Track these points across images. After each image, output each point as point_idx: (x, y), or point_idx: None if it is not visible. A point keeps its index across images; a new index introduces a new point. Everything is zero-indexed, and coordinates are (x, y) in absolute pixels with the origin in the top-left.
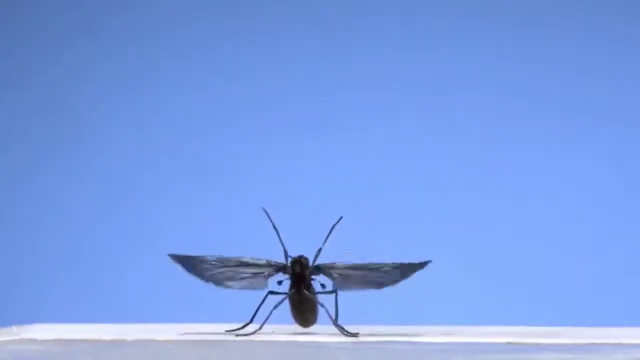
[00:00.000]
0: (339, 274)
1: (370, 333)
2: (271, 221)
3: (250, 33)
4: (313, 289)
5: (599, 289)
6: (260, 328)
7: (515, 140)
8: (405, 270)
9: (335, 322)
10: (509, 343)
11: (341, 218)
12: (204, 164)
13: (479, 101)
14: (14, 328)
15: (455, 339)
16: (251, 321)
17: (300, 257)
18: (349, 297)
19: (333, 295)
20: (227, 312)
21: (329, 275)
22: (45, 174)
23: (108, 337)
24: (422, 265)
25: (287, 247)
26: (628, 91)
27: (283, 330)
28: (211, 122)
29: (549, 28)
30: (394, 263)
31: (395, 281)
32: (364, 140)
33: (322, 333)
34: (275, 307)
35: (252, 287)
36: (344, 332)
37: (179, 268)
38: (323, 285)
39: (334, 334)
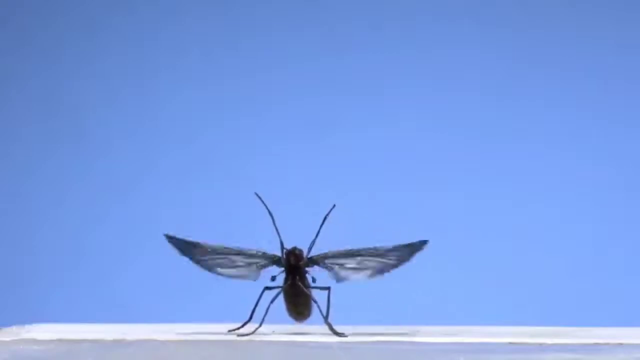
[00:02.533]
0: (334, 263)
1: (372, 333)
2: (266, 207)
3: (250, 33)
4: (308, 282)
5: (600, 289)
6: (261, 325)
7: (517, 140)
8: (403, 252)
9: (325, 320)
10: (510, 343)
11: (334, 206)
12: (203, 164)
13: (479, 101)
14: (15, 328)
15: (457, 339)
16: (250, 319)
17: (294, 248)
18: (350, 297)
19: (326, 291)
20: (228, 312)
21: (324, 266)
22: (45, 173)
23: (109, 337)
24: (420, 245)
25: (283, 241)
26: (628, 91)
27: (283, 330)
28: (211, 122)
29: (548, 28)
30: (391, 246)
31: (394, 266)
32: (365, 140)
33: (323, 333)
34: (272, 301)
35: (244, 277)
36: (333, 330)
37: (173, 250)
38: (314, 279)
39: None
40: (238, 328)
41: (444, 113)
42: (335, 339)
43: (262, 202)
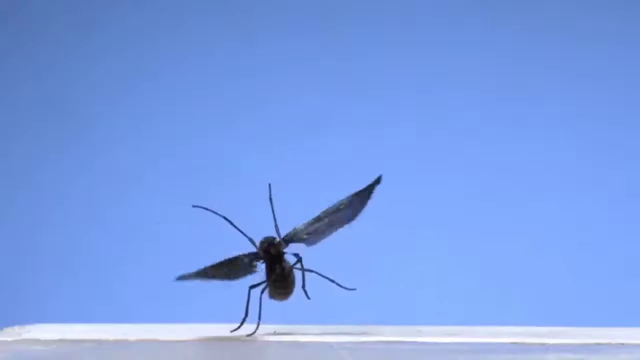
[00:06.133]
0: (307, 234)
1: (374, 333)
2: (216, 213)
3: (250, 33)
4: (289, 262)
5: (601, 289)
6: (260, 320)
7: (517, 140)
8: (362, 196)
9: (303, 287)
10: (513, 343)
11: (270, 184)
12: (204, 164)
13: (478, 101)
14: (16, 328)
15: (460, 339)
16: (246, 316)
17: (268, 239)
18: (351, 297)
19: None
20: (228, 312)
21: (298, 241)
22: (46, 173)
23: (111, 337)
24: (376, 182)
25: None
26: (628, 91)
27: (285, 330)
28: (211, 122)
29: (548, 28)
30: (348, 196)
31: (358, 210)
32: (364, 140)
33: (324, 333)
34: (262, 293)
35: (242, 275)
36: (308, 295)
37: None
38: (297, 256)
39: (337, 334)
40: (237, 328)
41: (443, 112)
42: (337, 339)
43: (210, 210)
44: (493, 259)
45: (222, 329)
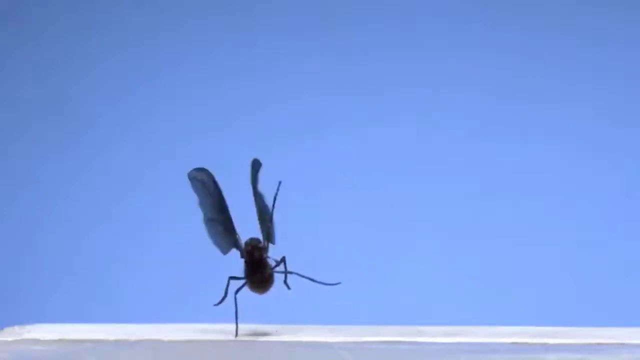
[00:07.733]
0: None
1: (374, 333)
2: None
3: (250, 33)
4: (270, 263)
5: (602, 289)
6: (237, 320)
7: (517, 139)
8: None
9: (285, 281)
10: (513, 343)
11: (280, 183)
12: (204, 164)
13: (478, 101)
14: (16, 328)
15: (460, 339)
16: (225, 295)
17: (253, 240)
18: (351, 297)
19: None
20: (228, 312)
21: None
22: (46, 173)
23: (111, 337)
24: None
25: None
26: (628, 91)
27: (285, 330)
28: (211, 122)
29: (549, 28)
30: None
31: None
32: (363, 140)
33: (324, 333)
34: (237, 291)
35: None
36: (289, 287)
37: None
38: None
39: (337, 334)
40: (218, 303)
41: (443, 112)
42: (337, 339)
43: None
44: (493, 259)
45: (222, 329)
